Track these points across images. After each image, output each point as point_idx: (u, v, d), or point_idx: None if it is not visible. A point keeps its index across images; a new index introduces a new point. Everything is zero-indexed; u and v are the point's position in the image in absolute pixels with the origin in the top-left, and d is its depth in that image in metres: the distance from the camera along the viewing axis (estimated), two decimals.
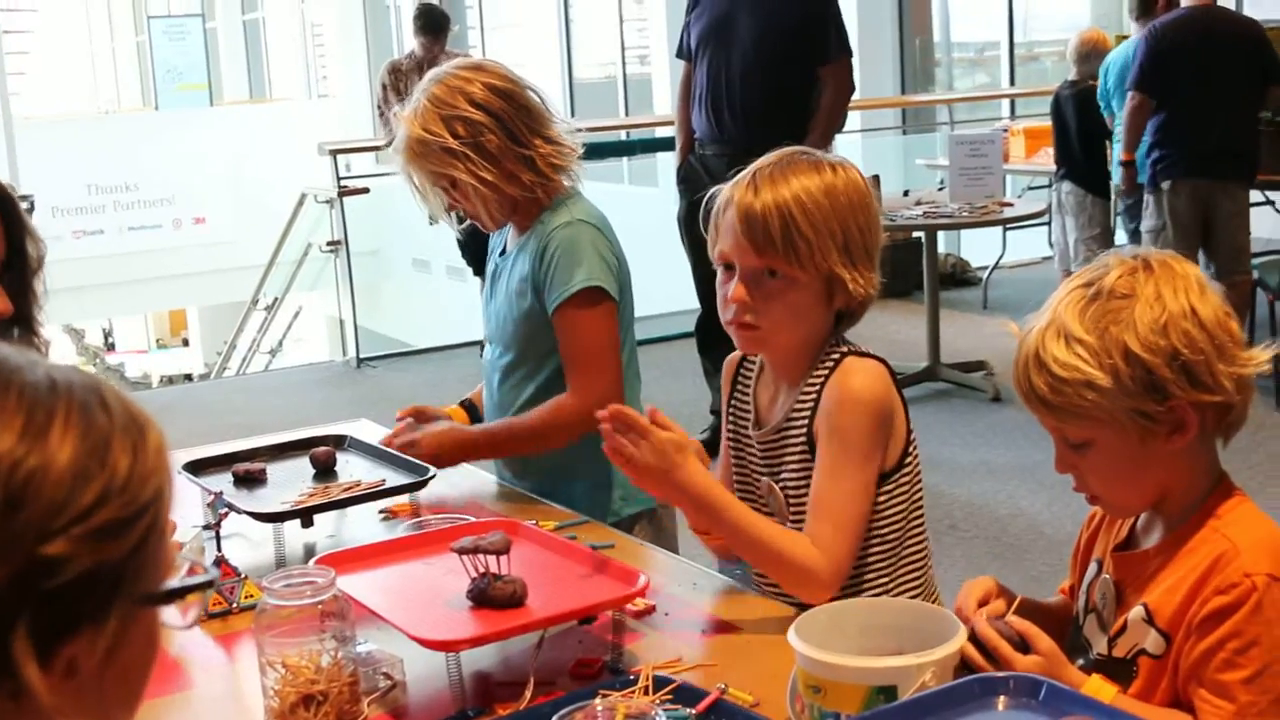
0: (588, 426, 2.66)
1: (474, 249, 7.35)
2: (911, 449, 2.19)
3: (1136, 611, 1.76)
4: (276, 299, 12.38)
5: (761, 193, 2.09)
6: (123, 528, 0.96)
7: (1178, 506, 1.79)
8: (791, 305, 2.12)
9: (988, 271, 9.34)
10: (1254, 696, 1.66)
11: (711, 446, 2.34)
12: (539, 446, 2.74)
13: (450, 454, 2.71)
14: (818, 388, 2.14)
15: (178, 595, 1.05)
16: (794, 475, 2.18)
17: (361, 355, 8.26)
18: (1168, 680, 1.73)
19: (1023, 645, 1.69)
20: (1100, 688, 1.67)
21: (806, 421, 2.15)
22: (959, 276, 9.51)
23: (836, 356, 2.15)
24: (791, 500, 2.19)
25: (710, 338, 6.03)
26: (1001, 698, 1.59)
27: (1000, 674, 1.62)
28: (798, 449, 2.16)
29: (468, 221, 2.85)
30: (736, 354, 2.32)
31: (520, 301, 2.71)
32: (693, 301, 6.13)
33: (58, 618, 0.93)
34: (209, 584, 1.07)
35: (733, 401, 2.32)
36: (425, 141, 2.66)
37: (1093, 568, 1.90)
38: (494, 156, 2.66)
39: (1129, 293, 1.72)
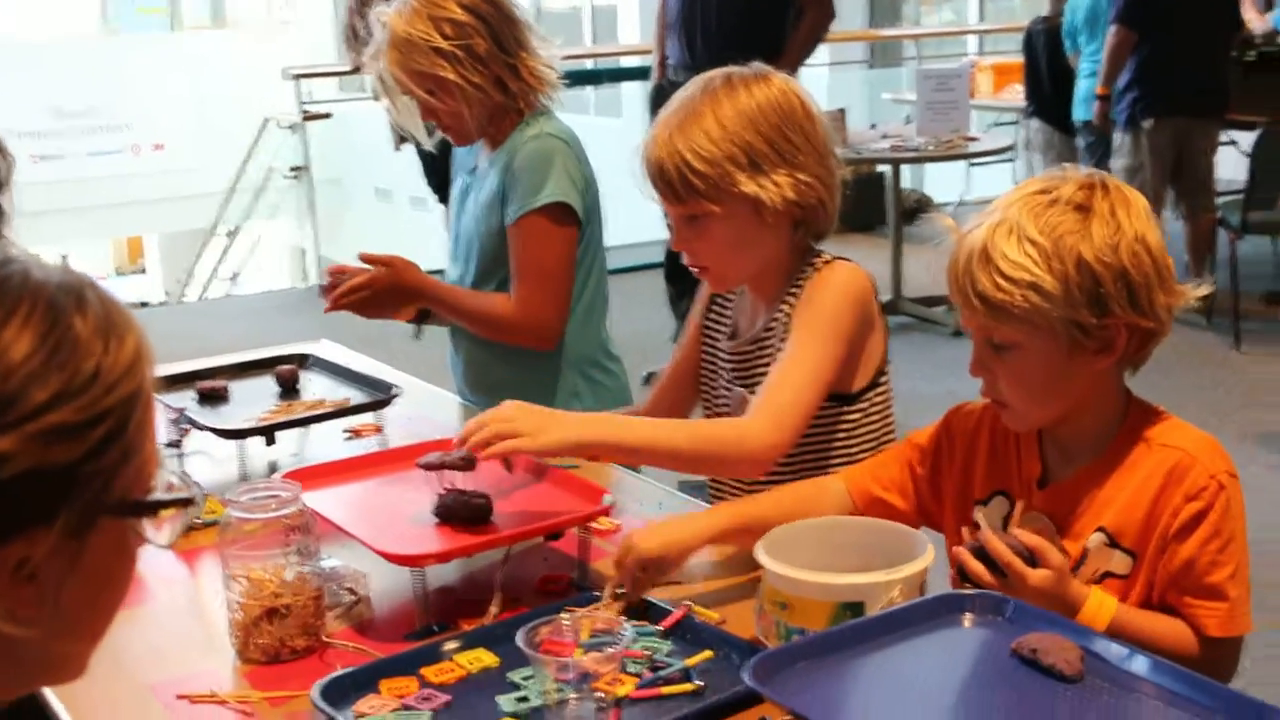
0: (514, 338, 2.66)
1: (438, 173, 7.28)
2: (885, 371, 2.18)
3: (1096, 538, 1.76)
4: (237, 227, 12.28)
5: (658, 141, 2.07)
6: (77, 430, 0.92)
7: (1095, 430, 1.79)
8: (723, 240, 2.10)
9: (952, 207, 9.33)
10: (1239, 590, 1.71)
11: None
12: (471, 326, 2.73)
13: (402, 292, 2.67)
14: (797, 293, 2.12)
15: (149, 509, 1.01)
16: None
17: (323, 282, 8.19)
18: (1137, 594, 1.74)
19: (1031, 559, 1.68)
20: (1103, 600, 1.68)
21: (785, 325, 2.12)
22: (922, 212, 9.49)
23: (819, 264, 2.14)
24: None
25: (677, 266, 6.01)
26: (968, 615, 1.59)
27: (967, 591, 1.62)
28: (775, 357, 2.12)
29: (438, 136, 2.80)
30: None
31: (489, 217, 2.68)
32: (656, 233, 6.10)
33: None
34: (188, 501, 1.04)
35: (710, 312, 2.31)
36: (412, 41, 2.61)
37: (1000, 502, 1.87)
38: (482, 60, 2.62)
39: (1086, 205, 1.72)
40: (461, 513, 1.92)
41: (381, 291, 2.63)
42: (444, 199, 7.57)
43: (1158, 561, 1.72)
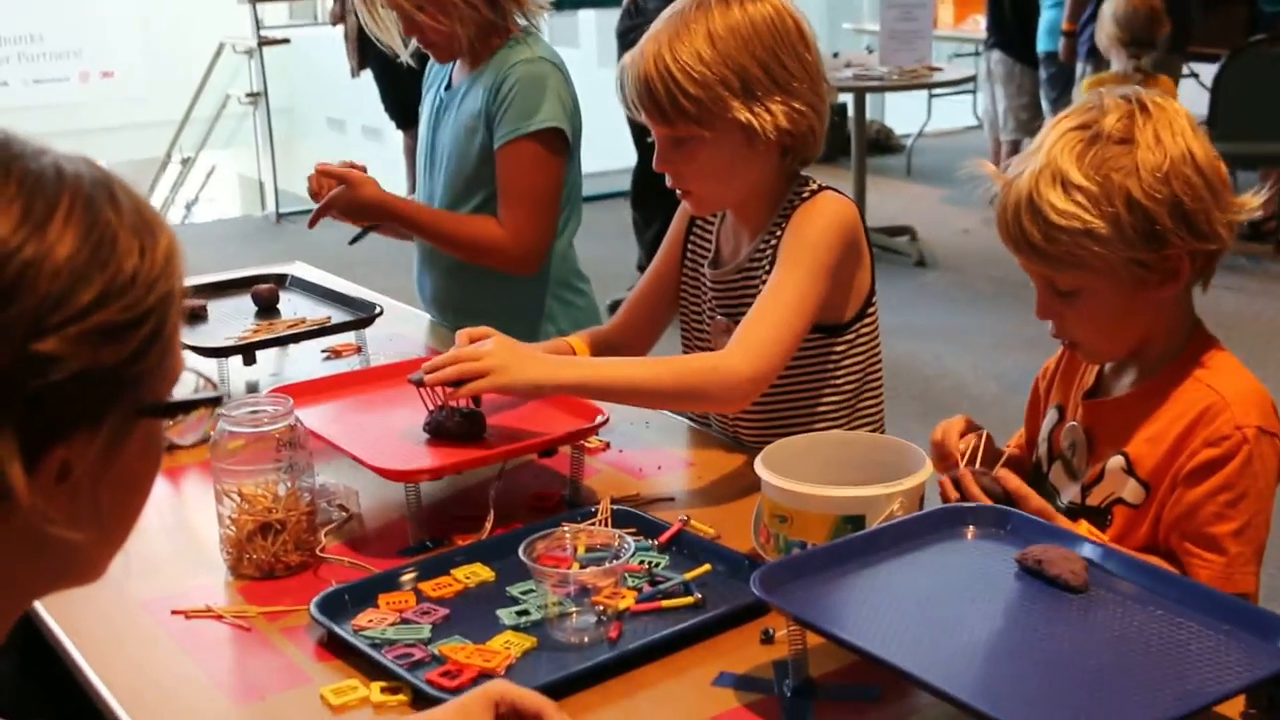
0: (499, 262, 2.62)
1: (396, 99, 7.21)
2: (873, 302, 2.15)
3: (1115, 461, 1.74)
4: (191, 156, 12.10)
5: (646, 56, 2.00)
6: (123, 331, 0.91)
7: (1155, 353, 1.75)
8: (711, 164, 2.05)
9: (911, 139, 9.33)
10: (1241, 548, 1.66)
11: None
12: (450, 249, 2.68)
13: (361, 208, 2.63)
14: (783, 222, 2.09)
15: (182, 409, 1.00)
16: None
17: (281, 211, 8.12)
18: (1146, 529, 1.72)
19: (1007, 501, 1.67)
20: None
21: (771, 254, 2.09)
22: (883, 143, 9.49)
23: (806, 194, 2.10)
24: None
25: (646, 192, 6.00)
26: (970, 527, 1.60)
27: (968, 504, 1.62)
28: (760, 287, 2.09)
29: (412, 45, 2.75)
30: None
31: (470, 138, 2.64)
32: (618, 161, 6.10)
33: (47, 418, 0.89)
34: (216, 400, 1.03)
35: (691, 238, 2.27)
36: None
37: (1052, 414, 1.87)
38: None
39: (1128, 137, 1.65)
40: (454, 429, 1.90)
41: (340, 209, 2.59)
42: (404, 125, 7.54)
43: (1167, 500, 1.70)
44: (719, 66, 1.98)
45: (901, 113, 9.71)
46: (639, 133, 5.96)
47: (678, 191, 2.13)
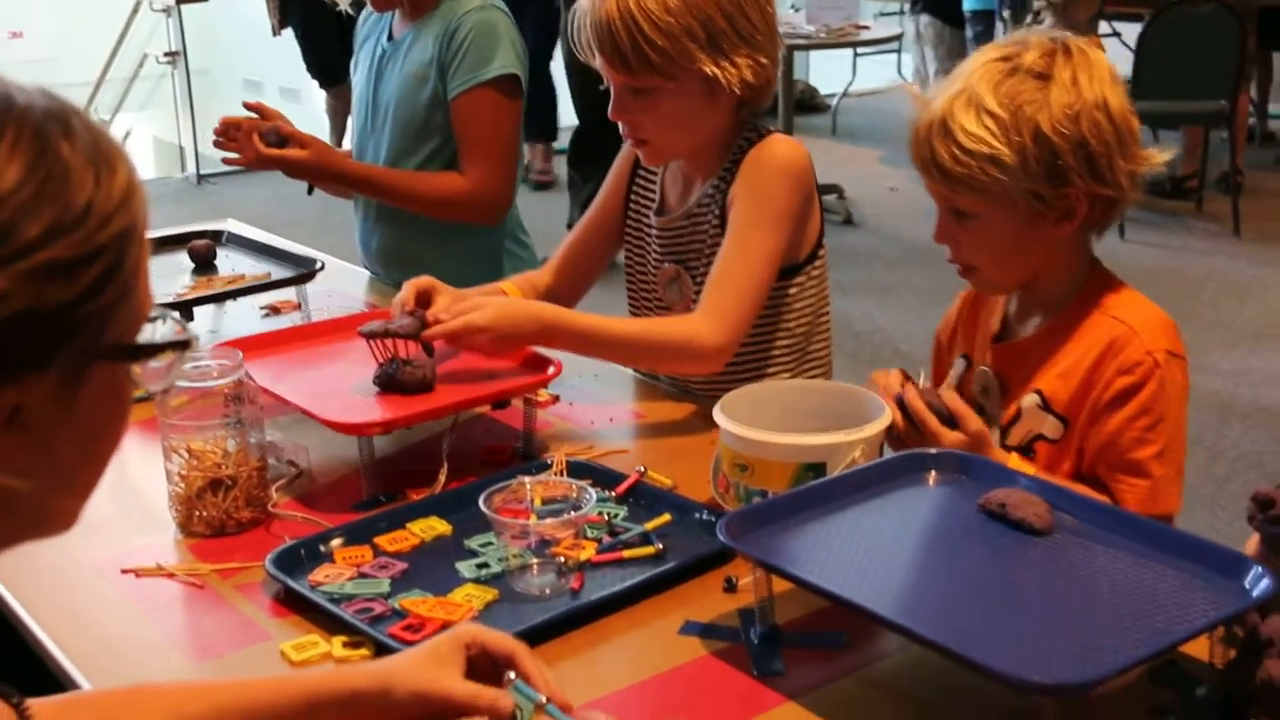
0: (466, 214, 2.59)
1: (319, 57, 7.13)
2: (822, 243, 2.16)
3: (1030, 399, 1.77)
4: (106, 119, 11.89)
5: (609, 0, 1.97)
6: (72, 268, 0.86)
7: (1057, 293, 1.79)
8: (671, 115, 2.03)
9: (837, 98, 9.34)
10: (1164, 470, 1.71)
11: None
12: (413, 206, 2.64)
13: (322, 174, 2.59)
14: (734, 168, 2.07)
15: (143, 353, 0.94)
16: (705, 261, 2.11)
17: (202, 172, 8.00)
18: (1069, 463, 1.75)
19: (950, 421, 1.69)
20: (1021, 468, 1.68)
21: (720, 200, 2.08)
22: (808, 103, 9.48)
23: (755, 138, 2.09)
24: (700, 286, 2.13)
25: (585, 153, 5.97)
26: (932, 473, 1.60)
27: (930, 450, 1.62)
28: (710, 232, 2.10)
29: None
30: None
31: (419, 87, 2.60)
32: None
33: None
34: (185, 344, 0.98)
35: (634, 187, 2.25)
36: None
37: (960, 363, 1.87)
38: None
39: (1046, 73, 1.69)
40: (405, 382, 1.88)
41: (301, 171, 2.55)
42: (328, 84, 7.44)
43: (1088, 431, 1.73)
44: (685, 16, 1.95)
45: (826, 72, 9.71)
46: (579, 90, 5.93)
47: (630, 141, 2.11)
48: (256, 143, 2.53)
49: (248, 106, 2.61)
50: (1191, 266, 6.07)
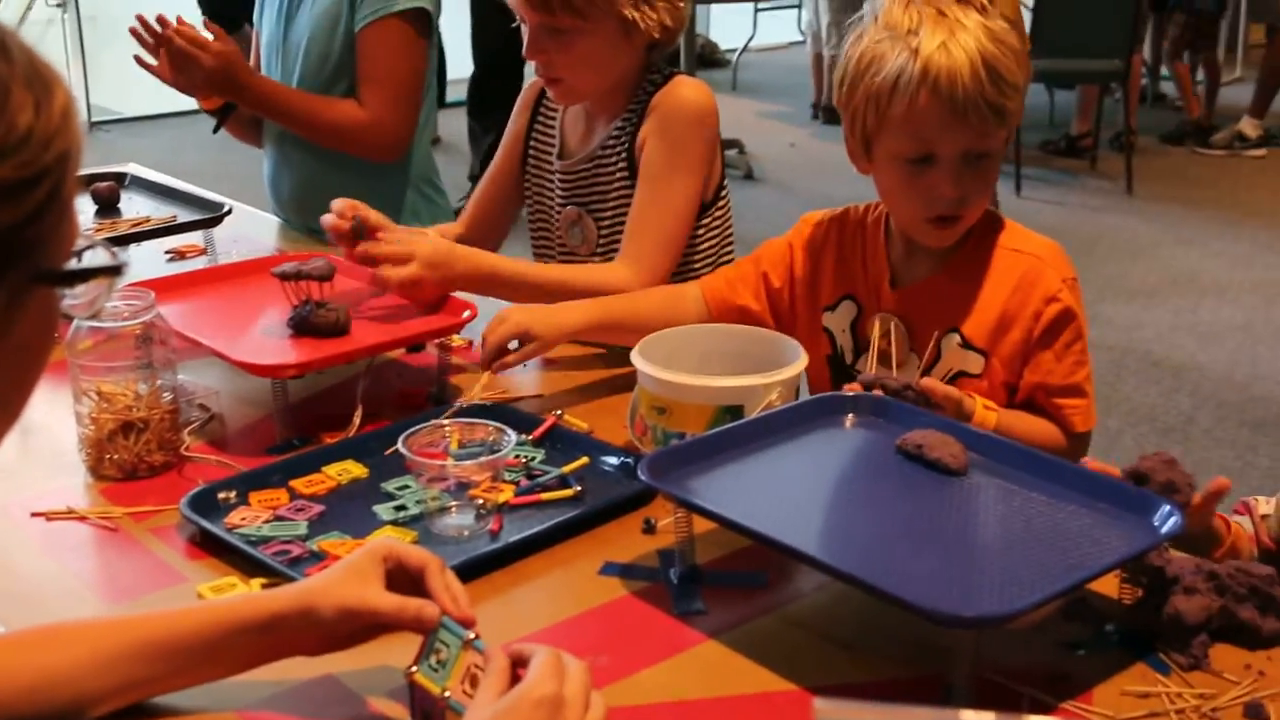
0: (359, 148, 2.56)
1: (211, 3, 6.97)
2: (725, 184, 2.18)
3: (950, 338, 1.80)
4: None
5: None
6: (18, 190, 0.84)
7: None
8: (586, 56, 2.05)
9: (737, 53, 9.36)
10: (1091, 387, 1.79)
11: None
12: (308, 133, 2.61)
13: (228, 80, 2.52)
14: (639, 110, 2.09)
15: (81, 277, 0.94)
16: (610, 203, 2.13)
17: (94, 119, 7.84)
18: (993, 395, 1.78)
19: (929, 403, 1.68)
20: (987, 409, 1.70)
21: (627, 143, 2.10)
22: (708, 58, 9.49)
23: (659, 79, 2.11)
24: (604, 229, 2.15)
25: (484, 103, 5.92)
26: (849, 415, 1.61)
27: (847, 393, 1.63)
28: (615, 174, 2.12)
29: None
30: (537, 82, 2.22)
31: (333, 25, 2.55)
32: (458, 70, 6.01)
33: None
34: (117, 270, 0.97)
35: (534, 132, 2.25)
36: None
37: (849, 305, 1.89)
38: None
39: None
40: (319, 324, 1.86)
41: (208, 66, 2.48)
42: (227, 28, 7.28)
43: (1015, 363, 1.77)
44: None
45: (727, 26, 9.72)
46: (479, 33, 5.88)
47: (543, 80, 2.11)
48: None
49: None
50: (1086, 224, 6.17)
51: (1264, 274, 5.55)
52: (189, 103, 2.62)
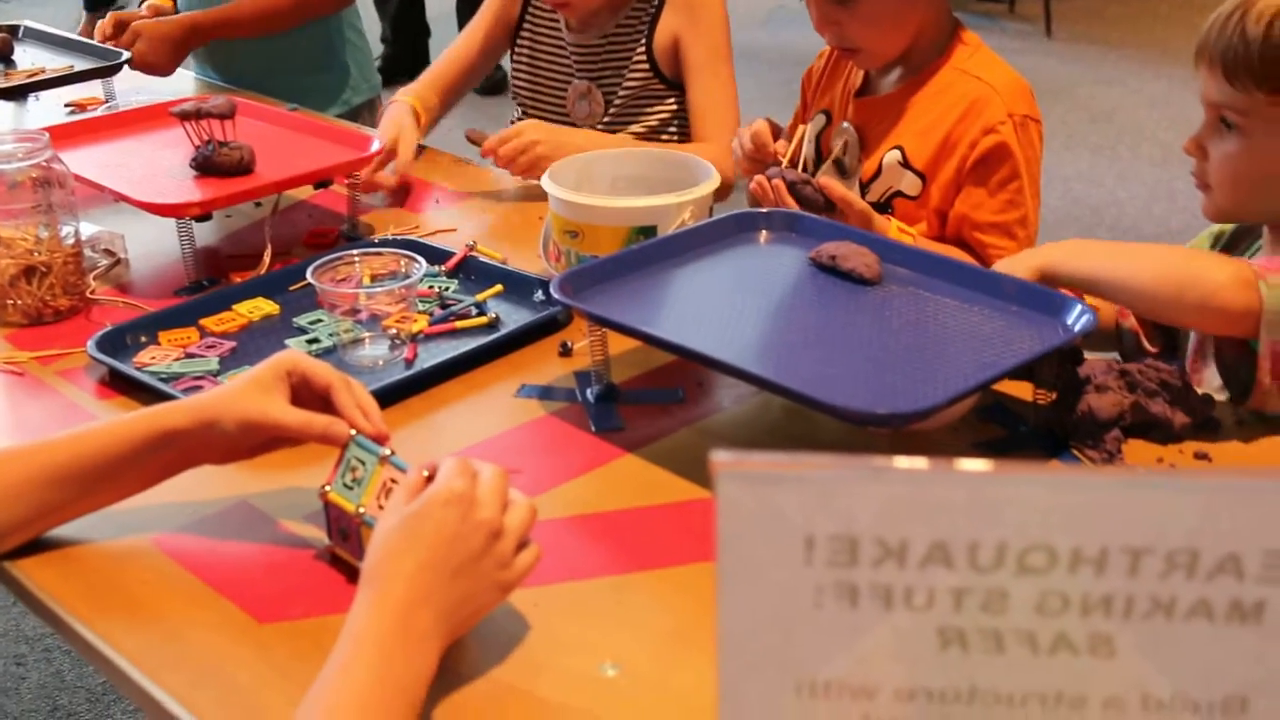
0: (320, 6, 2.53)
1: None
2: None
3: (892, 155, 1.79)
4: None
5: None
6: None
7: (921, 49, 1.80)
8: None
9: None
10: (1027, 232, 1.75)
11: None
12: (272, 25, 2.56)
13: (180, 45, 2.48)
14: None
15: None
16: (624, 80, 2.17)
17: None
18: (923, 221, 1.77)
19: (829, 208, 1.67)
20: (901, 234, 1.69)
21: (645, 31, 2.14)
22: None
23: None
24: (614, 102, 2.18)
25: None
26: (763, 231, 1.60)
27: (760, 210, 1.62)
28: (633, 54, 2.16)
29: None
30: None
31: None
32: None
33: None
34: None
35: (531, 7, 2.27)
36: None
37: (820, 118, 1.89)
38: None
39: None
40: (222, 164, 1.82)
41: (150, 60, 2.45)
42: (91, 6, 6.98)
43: (949, 192, 1.76)
44: None
45: None
46: None
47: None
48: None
49: None
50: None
51: (1180, 111, 5.56)
52: None
